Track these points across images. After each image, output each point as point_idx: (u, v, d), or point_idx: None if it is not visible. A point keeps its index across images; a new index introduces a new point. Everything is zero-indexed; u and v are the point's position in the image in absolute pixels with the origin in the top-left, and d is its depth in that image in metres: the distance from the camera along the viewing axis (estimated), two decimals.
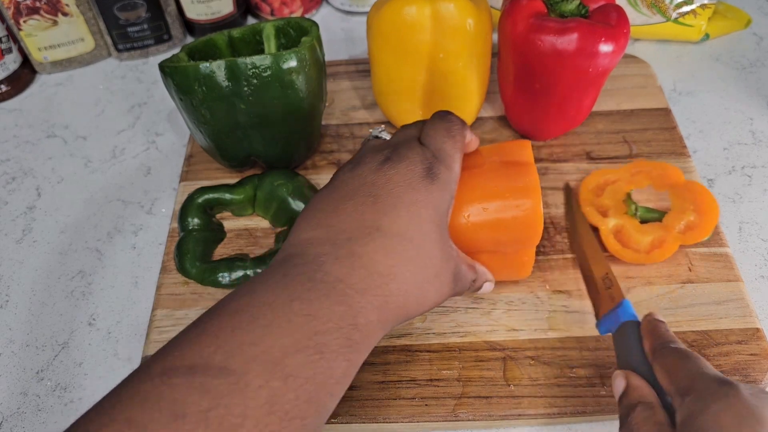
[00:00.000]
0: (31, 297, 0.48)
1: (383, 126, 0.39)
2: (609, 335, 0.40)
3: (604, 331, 0.38)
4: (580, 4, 0.46)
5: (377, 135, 0.38)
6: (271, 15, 0.71)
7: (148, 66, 0.68)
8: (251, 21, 0.73)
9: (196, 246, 0.47)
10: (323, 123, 0.56)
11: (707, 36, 0.65)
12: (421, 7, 0.46)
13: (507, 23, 0.47)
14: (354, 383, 0.30)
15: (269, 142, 0.49)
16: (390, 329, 0.32)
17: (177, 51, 0.53)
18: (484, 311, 0.44)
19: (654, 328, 0.34)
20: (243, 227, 0.50)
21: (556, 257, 0.46)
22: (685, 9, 0.62)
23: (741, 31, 0.66)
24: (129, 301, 0.48)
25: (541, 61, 0.46)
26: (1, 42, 0.63)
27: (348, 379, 0.29)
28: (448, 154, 0.35)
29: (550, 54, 0.45)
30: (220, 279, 0.45)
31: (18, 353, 0.45)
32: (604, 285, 0.40)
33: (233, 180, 0.52)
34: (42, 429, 0.41)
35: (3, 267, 0.51)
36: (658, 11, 0.63)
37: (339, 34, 0.71)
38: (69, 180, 0.57)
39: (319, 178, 0.53)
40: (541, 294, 0.44)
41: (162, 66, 0.45)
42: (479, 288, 0.39)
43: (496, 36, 0.54)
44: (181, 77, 0.44)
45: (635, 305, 0.43)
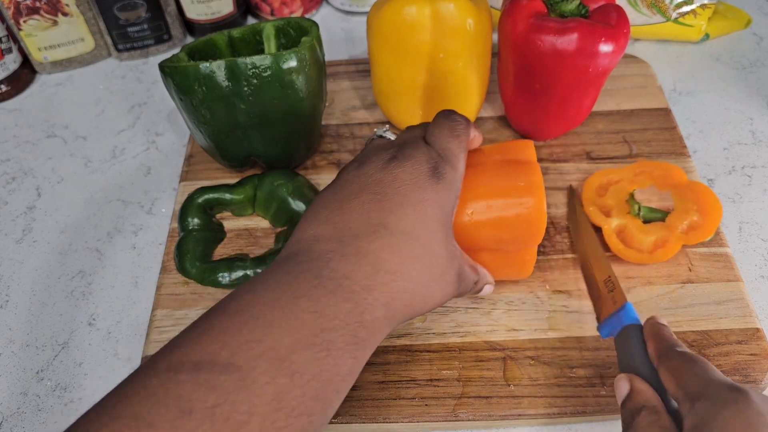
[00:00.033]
0: (31, 297, 0.48)
1: (387, 126, 0.39)
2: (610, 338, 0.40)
3: (605, 335, 0.38)
4: (580, 4, 0.46)
5: (381, 134, 0.38)
6: (271, 15, 0.71)
7: (148, 66, 0.68)
8: (251, 21, 0.73)
9: (196, 246, 0.47)
10: (323, 123, 0.56)
11: (707, 36, 0.65)
12: (421, 7, 0.46)
13: (507, 23, 0.47)
14: (354, 383, 0.30)
15: (269, 142, 0.49)
16: (395, 327, 0.32)
17: (177, 51, 0.53)
18: (484, 311, 0.44)
19: (658, 331, 0.34)
20: (243, 227, 0.50)
21: (556, 257, 0.46)
22: (685, 9, 0.62)
23: (741, 31, 0.66)
24: (129, 301, 0.48)
25: (541, 61, 0.46)
26: (1, 42, 0.63)
27: (353, 376, 0.29)
28: (453, 153, 0.35)
29: (550, 54, 0.45)
30: (220, 279, 0.45)
31: (18, 353, 0.45)
32: (606, 288, 0.40)
33: (233, 180, 0.52)
34: (42, 429, 0.41)
35: (3, 267, 0.51)
36: (658, 11, 0.63)
37: (339, 34, 0.71)
38: (69, 180, 0.57)
39: (319, 178, 0.53)
40: (541, 294, 0.44)
41: (162, 66, 0.45)
42: (480, 290, 0.39)
43: (496, 36, 0.54)
44: (181, 77, 0.44)
45: (635, 305, 0.43)
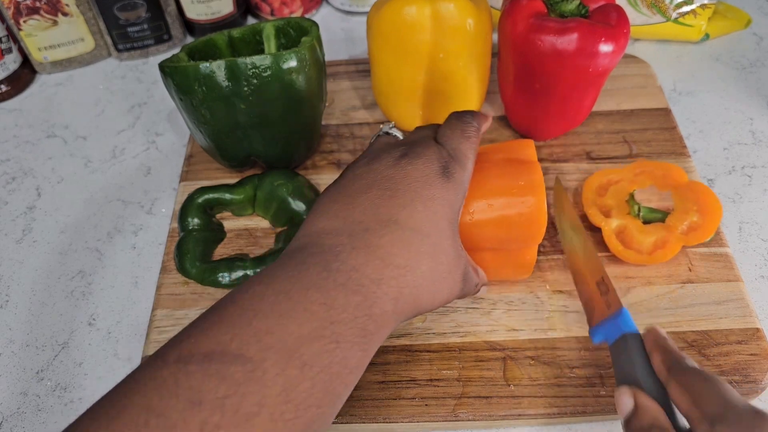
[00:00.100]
0: (31, 297, 0.48)
1: (393, 122, 0.40)
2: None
3: (598, 340, 0.36)
4: (580, 4, 0.46)
5: (388, 131, 0.38)
6: (271, 15, 0.71)
7: (148, 66, 0.68)
8: (251, 21, 0.73)
9: (196, 246, 0.47)
10: (323, 123, 0.56)
11: (707, 36, 0.65)
12: (421, 7, 0.46)
13: (507, 23, 0.47)
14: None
15: (269, 142, 0.49)
16: (401, 322, 0.32)
17: (177, 51, 0.53)
18: (484, 311, 0.44)
19: (663, 343, 0.33)
20: (243, 227, 0.50)
21: (556, 257, 0.46)
22: (685, 9, 0.62)
23: (741, 31, 0.66)
24: (129, 301, 0.48)
25: (541, 61, 0.46)
26: (1, 42, 0.63)
27: (361, 370, 0.29)
28: (463, 154, 0.35)
29: (550, 54, 0.45)
30: (220, 279, 0.45)
31: (18, 353, 0.45)
32: (599, 290, 0.38)
33: (233, 180, 0.52)
34: (42, 429, 0.41)
35: (3, 267, 0.51)
36: (658, 11, 0.63)
37: (339, 34, 0.71)
38: (69, 180, 0.57)
39: (319, 178, 0.53)
40: (541, 294, 0.44)
41: (162, 66, 0.45)
42: (477, 291, 0.39)
43: (496, 36, 0.54)
44: (181, 77, 0.44)
45: (635, 305, 0.43)
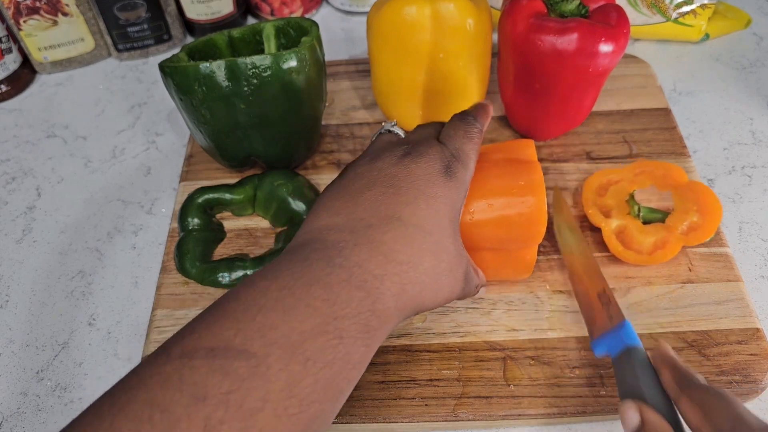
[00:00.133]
0: (31, 297, 0.48)
1: (395, 121, 0.40)
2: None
3: (600, 353, 0.36)
4: (580, 4, 0.46)
5: (389, 129, 0.38)
6: (271, 15, 0.71)
7: (148, 66, 0.68)
8: (251, 21, 0.73)
9: (196, 246, 0.47)
10: (323, 123, 0.56)
11: (707, 36, 0.65)
12: (421, 7, 0.46)
13: (507, 23, 0.47)
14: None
15: (269, 142, 0.49)
16: (404, 319, 0.32)
17: (177, 51, 0.53)
18: (484, 311, 0.44)
19: (672, 360, 0.33)
20: (243, 227, 0.50)
21: (556, 257, 0.46)
22: (685, 9, 0.62)
23: (741, 31, 0.66)
24: (129, 301, 0.48)
25: (541, 61, 0.46)
26: (1, 42, 0.63)
27: (363, 366, 0.29)
28: (466, 154, 0.35)
29: (550, 54, 0.45)
30: (220, 279, 0.45)
31: (18, 353, 0.45)
32: (600, 302, 0.38)
33: (233, 180, 0.52)
34: (42, 429, 0.41)
35: (3, 267, 0.51)
36: (658, 11, 0.63)
37: (339, 34, 0.71)
38: (69, 180, 0.57)
39: (319, 178, 0.53)
40: (541, 294, 0.44)
41: (162, 66, 0.45)
42: (477, 292, 0.39)
43: (496, 36, 0.54)
44: (181, 77, 0.44)
45: (635, 305, 0.43)
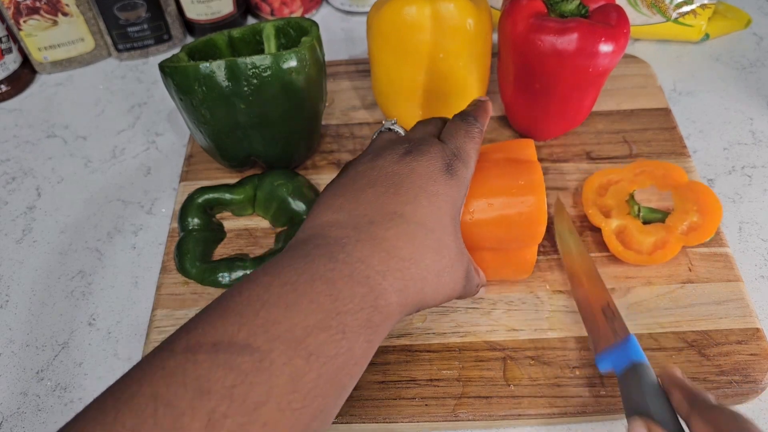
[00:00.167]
0: (31, 297, 0.48)
1: (395, 119, 0.40)
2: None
3: (605, 368, 0.36)
4: (580, 4, 0.46)
5: (390, 127, 0.38)
6: (271, 15, 0.71)
7: (148, 66, 0.68)
8: (251, 21, 0.73)
9: (196, 246, 0.47)
10: (323, 123, 0.56)
11: (707, 36, 0.65)
12: (421, 7, 0.46)
13: (507, 23, 0.47)
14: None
15: (269, 142, 0.49)
16: (405, 315, 0.32)
17: (177, 51, 0.53)
18: (484, 311, 0.44)
19: (682, 381, 0.33)
20: (243, 227, 0.50)
21: (556, 257, 0.46)
22: (685, 9, 0.62)
23: (741, 31, 0.66)
24: (129, 301, 0.48)
25: (541, 61, 0.46)
26: (1, 42, 0.63)
27: (366, 361, 0.29)
28: (467, 153, 0.35)
29: (550, 54, 0.45)
30: (220, 279, 0.45)
31: (18, 353, 0.45)
32: (604, 316, 0.38)
33: (233, 180, 0.52)
34: (42, 429, 0.41)
35: (3, 267, 0.51)
36: (658, 11, 0.63)
37: (339, 34, 0.71)
38: (69, 180, 0.57)
39: (319, 178, 0.53)
40: (541, 294, 0.44)
41: (162, 66, 0.45)
42: (477, 291, 0.39)
43: (496, 36, 0.54)
44: (181, 77, 0.44)
45: (635, 305, 0.43)
